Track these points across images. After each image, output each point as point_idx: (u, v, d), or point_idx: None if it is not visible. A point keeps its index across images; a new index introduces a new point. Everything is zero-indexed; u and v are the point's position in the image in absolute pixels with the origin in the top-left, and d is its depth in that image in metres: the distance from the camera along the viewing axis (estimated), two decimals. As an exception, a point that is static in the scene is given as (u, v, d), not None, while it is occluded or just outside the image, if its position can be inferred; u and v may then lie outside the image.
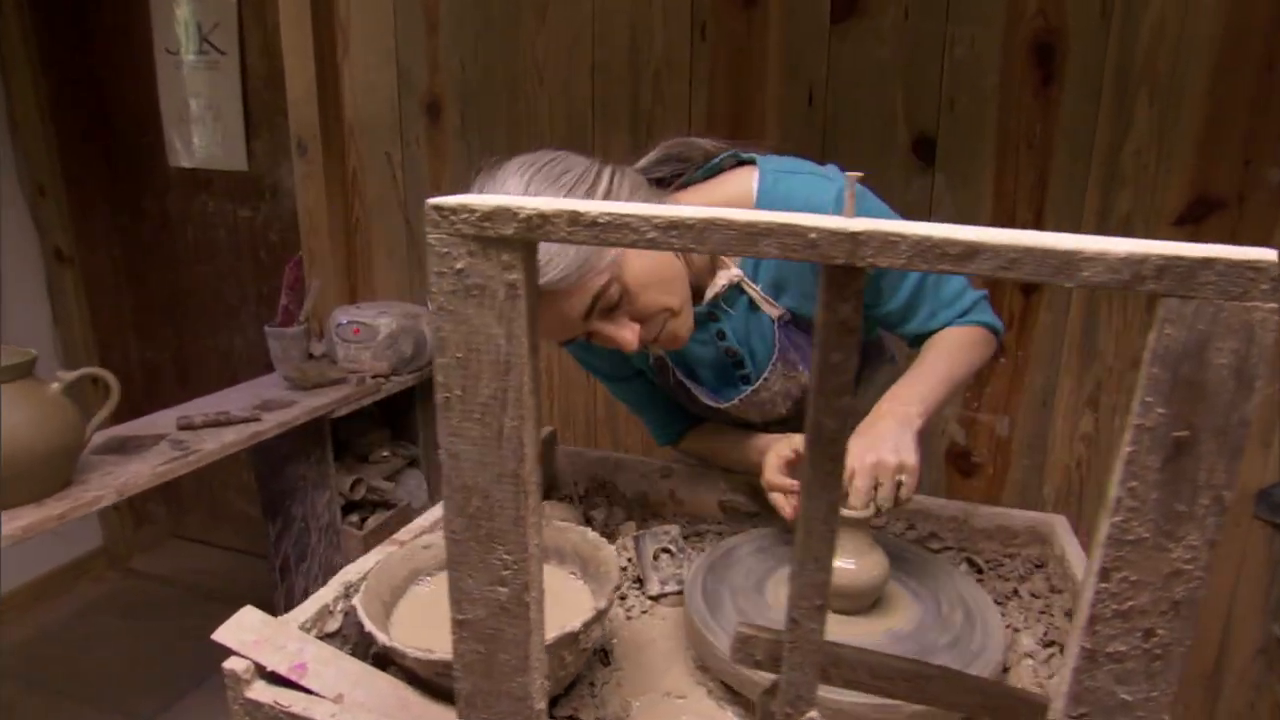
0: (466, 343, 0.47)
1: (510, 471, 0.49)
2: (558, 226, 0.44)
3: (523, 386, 0.47)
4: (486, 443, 0.49)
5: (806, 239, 0.41)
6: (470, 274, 0.46)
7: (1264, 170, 1.41)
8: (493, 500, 0.50)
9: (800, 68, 1.64)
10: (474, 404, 0.48)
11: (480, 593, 0.52)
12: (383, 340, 1.88)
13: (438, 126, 1.96)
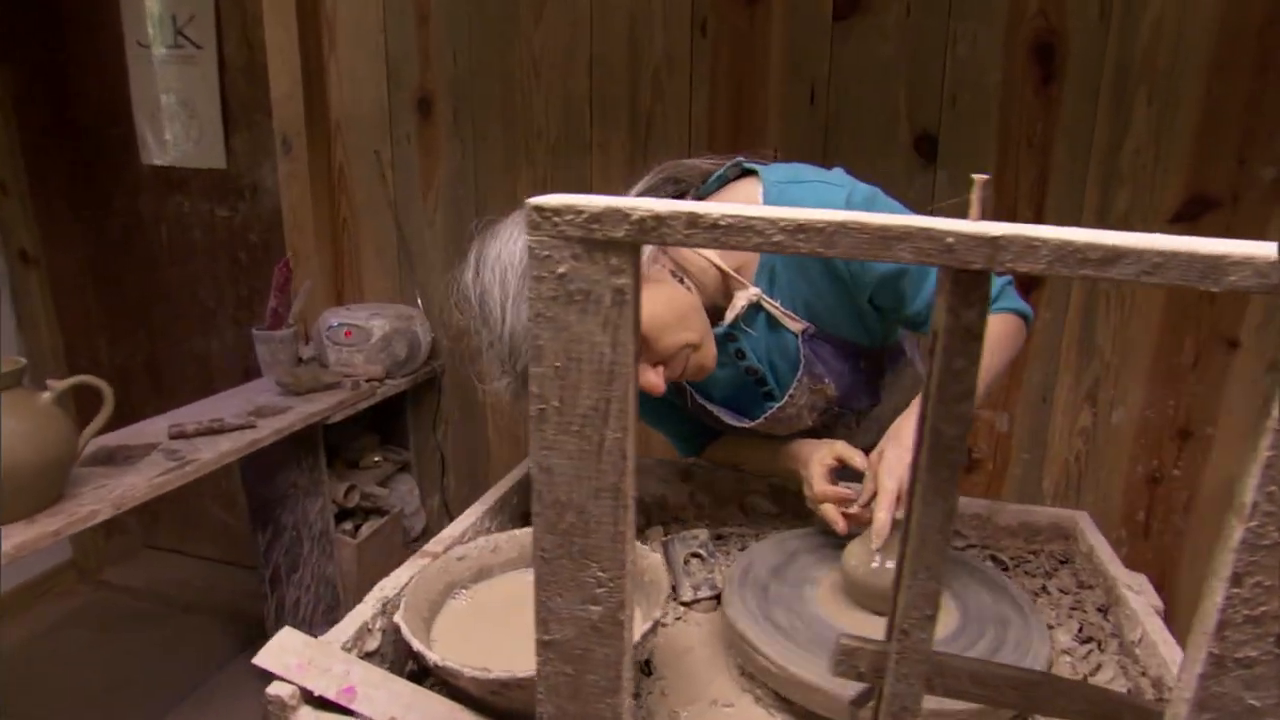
0: (566, 351, 0.45)
1: (610, 486, 0.47)
2: (674, 229, 0.42)
3: (627, 397, 0.45)
4: (585, 456, 0.47)
5: (943, 244, 0.40)
6: (574, 279, 0.44)
7: (1258, 169, 1.44)
8: (589, 516, 0.48)
9: (802, 65, 1.64)
10: (573, 415, 0.46)
11: (570, 612, 0.50)
12: (376, 343, 1.83)
13: (429, 123, 1.91)
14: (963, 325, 0.43)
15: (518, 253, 0.79)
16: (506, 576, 0.90)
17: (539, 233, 0.43)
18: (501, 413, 2.06)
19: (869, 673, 0.50)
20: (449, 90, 1.87)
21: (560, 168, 1.85)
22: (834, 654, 0.51)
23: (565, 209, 0.43)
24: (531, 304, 0.45)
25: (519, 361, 0.79)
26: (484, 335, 0.82)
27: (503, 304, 0.78)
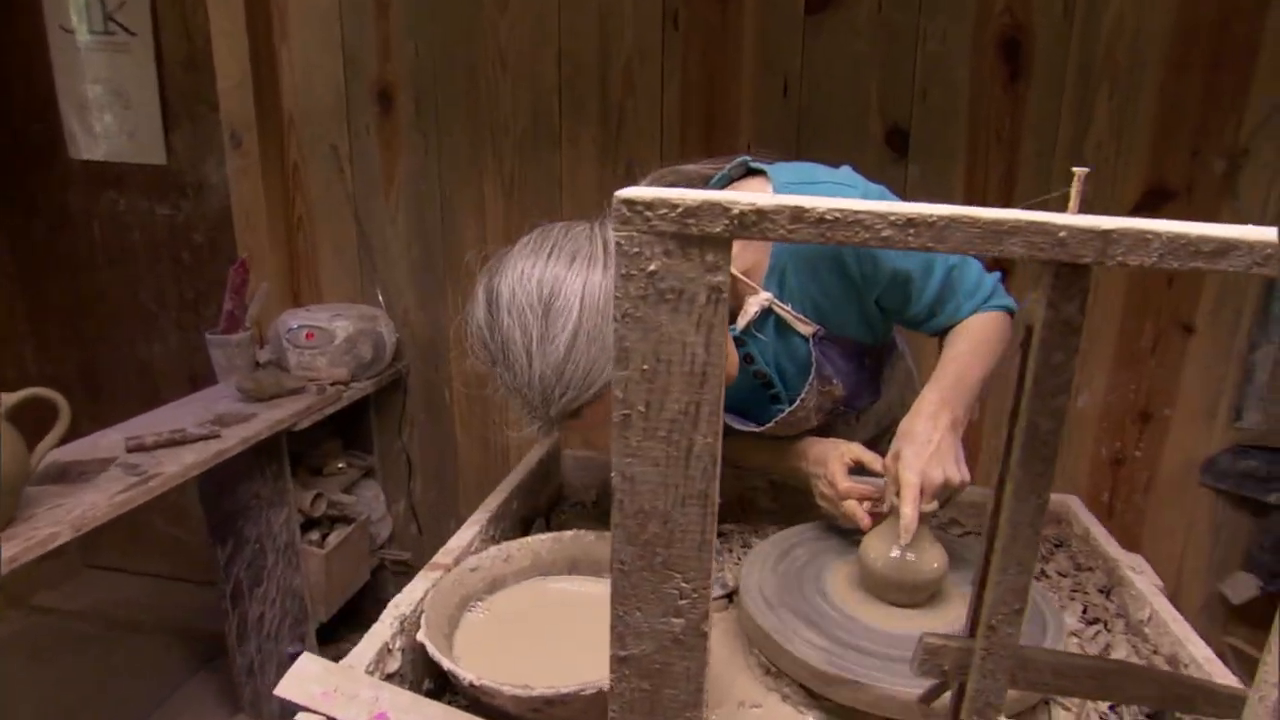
0: (656, 353, 0.43)
1: (698, 493, 0.45)
2: (777, 224, 0.40)
3: (718, 399, 0.43)
4: (672, 463, 0.44)
5: (1056, 238, 0.39)
6: (665, 277, 0.41)
7: (1211, 161, 1.50)
8: (674, 525, 0.46)
9: (775, 59, 1.64)
10: (659, 420, 0.44)
11: (650, 626, 0.48)
12: (340, 345, 1.76)
13: (389, 116, 1.84)
14: (1062, 319, 0.43)
15: (534, 290, 0.74)
16: (521, 586, 0.87)
17: (628, 228, 0.41)
18: (470, 414, 2.00)
19: (953, 670, 0.50)
20: (411, 82, 1.81)
21: (529, 162, 1.81)
22: (917, 652, 0.50)
23: (658, 203, 0.41)
24: (618, 304, 0.42)
25: (554, 407, 0.75)
26: (506, 379, 0.77)
27: (527, 348, 0.74)
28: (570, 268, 0.74)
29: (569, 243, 0.77)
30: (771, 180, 0.91)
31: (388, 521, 2.07)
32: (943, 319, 1.01)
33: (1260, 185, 1.49)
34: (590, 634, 0.79)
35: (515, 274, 0.76)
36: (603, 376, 0.73)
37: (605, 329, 0.73)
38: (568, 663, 0.75)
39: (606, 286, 0.74)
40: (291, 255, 1.97)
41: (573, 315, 0.72)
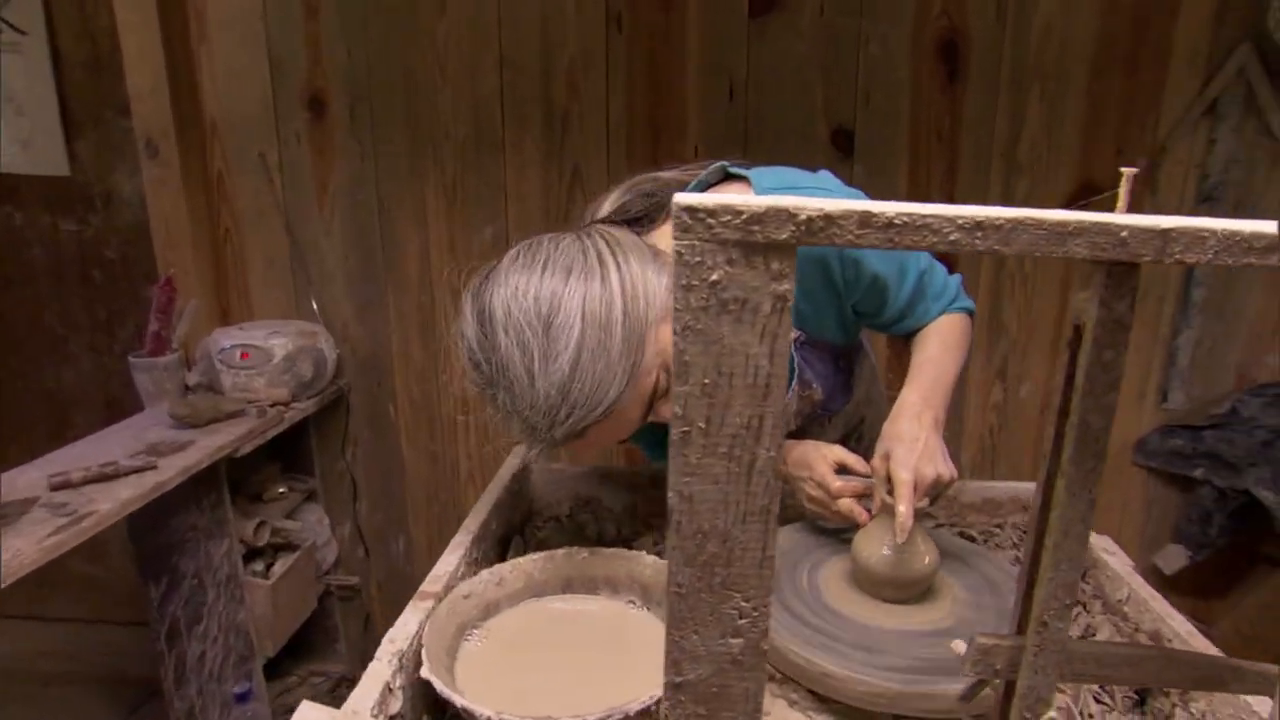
0: (717, 366, 0.41)
1: (760, 509, 0.43)
2: (845, 229, 0.39)
3: (780, 411, 0.42)
4: (734, 479, 0.43)
5: (1118, 237, 0.40)
6: (728, 286, 0.40)
7: (1133, 159, 1.59)
8: (733, 544, 0.44)
9: (720, 62, 1.64)
10: (720, 436, 0.42)
11: (707, 649, 0.46)
12: (278, 364, 1.67)
13: (322, 123, 1.76)
14: (1114, 317, 0.43)
15: (531, 307, 0.71)
16: (517, 609, 0.83)
17: (689, 236, 0.39)
18: (416, 430, 1.94)
19: (1004, 668, 0.50)
20: (344, 88, 1.73)
21: (471, 170, 1.76)
22: (969, 653, 0.50)
23: (721, 210, 0.39)
24: (677, 316, 0.40)
25: (559, 429, 0.71)
26: (504, 402, 0.73)
27: (528, 368, 0.70)
28: (567, 282, 0.71)
29: (561, 255, 0.74)
30: (753, 185, 0.90)
31: (333, 546, 1.98)
32: (912, 321, 1.03)
33: (1176, 181, 1.59)
34: (594, 654, 0.77)
35: (509, 290, 0.72)
36: (610, 394, 0.71)
37: (610, 343, 0.70)
38: (577, 686, 0.72)
39: (607, 299, 0.71)
40: (218, 270, 1.86)
41: (574, 331, 0.69)
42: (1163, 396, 1.68)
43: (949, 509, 1.15)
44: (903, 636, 0.80)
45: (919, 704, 0.72)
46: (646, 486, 1.20)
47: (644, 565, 0.83)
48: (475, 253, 1.80)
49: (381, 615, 2.09)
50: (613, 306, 0.71)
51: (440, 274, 1.82)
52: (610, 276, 0.72)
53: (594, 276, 0.72)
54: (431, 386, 1.90)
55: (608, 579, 0.85)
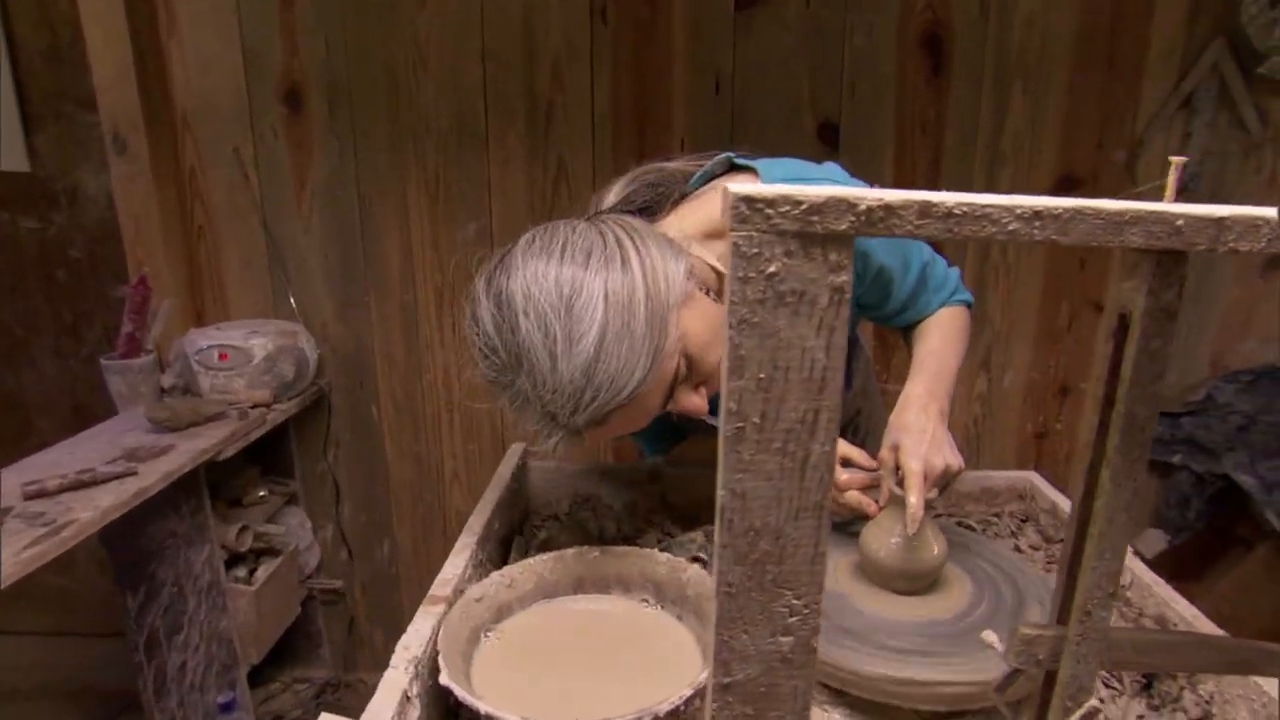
0: (773, 360, 0.40)
1: (813, 504, 0.43)
2: (905, 219, 0.38)
3: (835, 405, 0.41)
4: (787, 475, 0.42)
5: (1173, 226, 0.39)
6: (785, 278, 0.39)
7: (1112, 152, 1.62)
8: (785, 540, 0.43)
9: (706, 55, 1.64)
10: (775, 432, 0.41)
11: (757, 648, 0.45)
12: (259, 364, 1.62)
13: (299, 117, 1.72)
14: (1161, 306, 0.43)
15: (553, 290, 0.69)
16: (529, 611, 0.82)
17: (746, 227, 0.38)
18: (400, 430, 1.90)
19: (1047, 659, 0.50)
20: (322, 80, 1.69)
21: (454, 164, 1.73)
22: (1012, 644, 0.50)
23: (780, 199, 0.38)
24: (733, 309, 0.39)
25: (581, 414, 0.70)
26: (524, 388, 0.71)
27: (550, 351, 0.68)
28: (587, 265, 0.70)
29: (579, 240, 0.73)
30: (761, 177, 0.89)
31: (315, 549, 1.94)
32: (913, 313, 1.03)
33: (1154, 173, 1.62)
34: (611, 654, 0.76)
35: (529, 275, 0.71)
36: (635, 376, 0.69)
37: (633, 325, 0.69)
38: (597, 687, 0.71)
39: (628, 281, 0.70)
40: (192, 269, 1.81)
41: (598, 313, 0.68)
42: (1141, 384, 1.72)
43: (946, 499, 1.16)
44: (918, 627, 0.80)
45: (939, 693, 0.72)
46: (645, 483, 1.19)
47: (658, 563, 0.82)
48: (459, 249, 1.77)
49: (366, 619, 2.05)
50: (635, 289, 0.70)
51: (423, 271, 1.79)
52: (630, 259, 0.72)
53: (614, 259, 0.71)
54: (415, 386, 1.87)
55: (620, 578, 0.84)
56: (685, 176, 0.95)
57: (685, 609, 0.79)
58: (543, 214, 1.75)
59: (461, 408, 1.88)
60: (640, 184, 0.94)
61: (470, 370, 0.79)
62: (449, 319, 1.82)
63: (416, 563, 2.00)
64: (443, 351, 1.84)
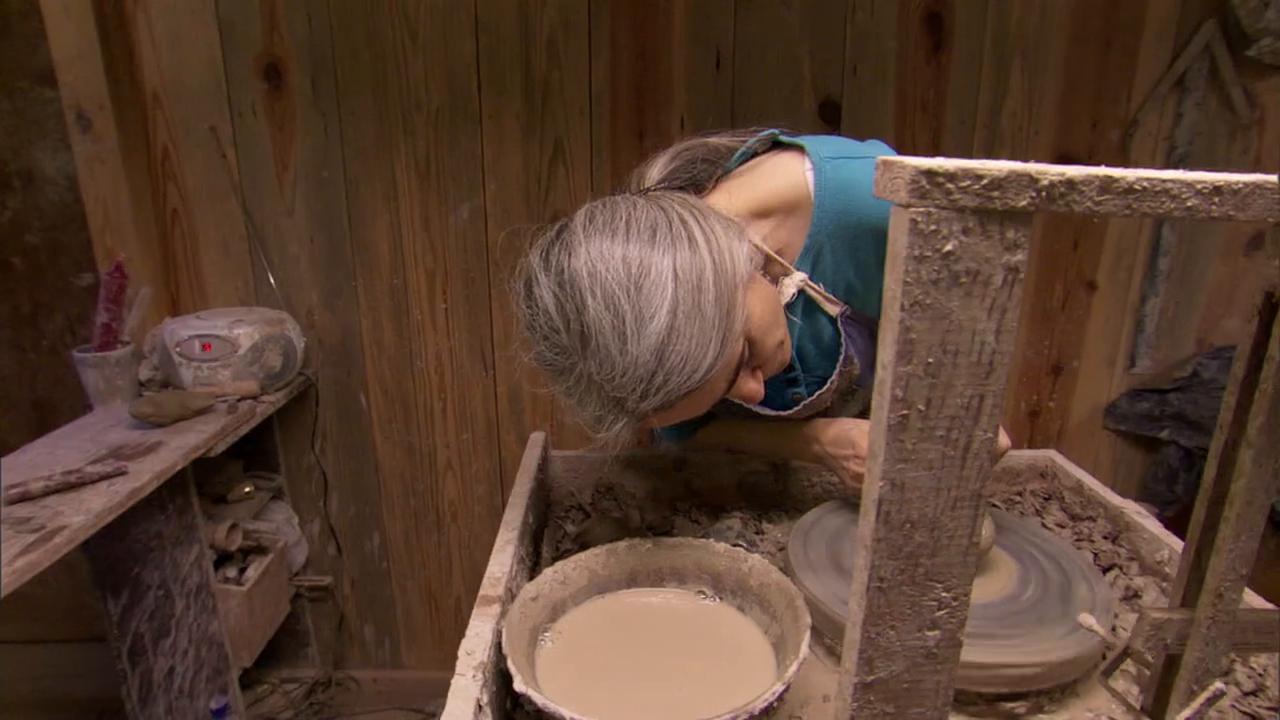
0: (942, 344, 0.38)
1: (970, 494, 0.41)
2: (1086, 195, 0.36)
3: (1002, 391, 0.39)
4: (948, 464, 0.40)
5: (1356, 197, 0.38)
6: (961, 257, 0.37)
7: (1107, 131, 1.64)
8: (940, 532, 0.41)
9: (707, 30, 1.60)
10: (938, 419, 0.39)
11: (902, 644, 0.43)
12: (245, 354, 1.55)
13: (280, 94, 1.63)
14: (1319, 283, 0.42)
15: (620, 268, 0.66)
16: (582, 609, 0.79)
17: (926, 203, 0.36)
18: (390, 420, 1.84)
19: (1174, 642, 0.49)
20: (305, 55, 1.61)
21: (445, 143, 1.67)
22: (1139, 629, 0.49)
23: (961, 174, 0.36)
24: (906, 290, 0.37)
25: (651, 398, 0.67)
26: (589, 371, 0.68)
27: (619, 332, 0.65)
28: (654, 244, 0.67)
29: (642, 216, 0.70)
30: (810, 154, 0.87)
31: (303, 545, 1.88)
32: None
33: (1147, 152, 1.64)
34: (675, 650, 0.74)
35: (593, 253, 0.67)
36: (707, 357, 0.67)
37: (704, 304, 0.66)
38: (671, 687, 0.69)
39: (697, 260, 0.67)
40: (166, 255, 1.71)
41: (668, 292, 0.65)
42: (1131, 362, 1.76)
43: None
44: (972, 610, 0.79)
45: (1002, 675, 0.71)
46: (670, 470, 1.17)
47: (715, 554, 0.80)
48: (451, 232, 1.71)
49: (356, 615, 2.00)
50: (704, 267, 0.68)
51: (414, 254, 1.73)
52: (697, 237, 0.69)
53: (681, 237, 0.68)
54: (406, 373, 1.81)
55: (674, 570, 0.82)
56: (730, 152, 0.92)
57: (747, 600, 0.78)
58: (538, 195, 1.70)
59: (455, 395, 1.83)
60: (684, 159, 0.91)
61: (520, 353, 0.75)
62: (441, 304, 1.76)
63: (408, 555, 1.95)
64: (435, 337, 1.78)
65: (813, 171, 0.87)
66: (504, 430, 1.87)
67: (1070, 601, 0.80)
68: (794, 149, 0.90)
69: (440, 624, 2.01)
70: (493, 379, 1.83)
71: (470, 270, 1.74)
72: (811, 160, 0.87)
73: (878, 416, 0.40)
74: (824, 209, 0.87)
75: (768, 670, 0.70)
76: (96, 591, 1.55)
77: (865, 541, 0.42)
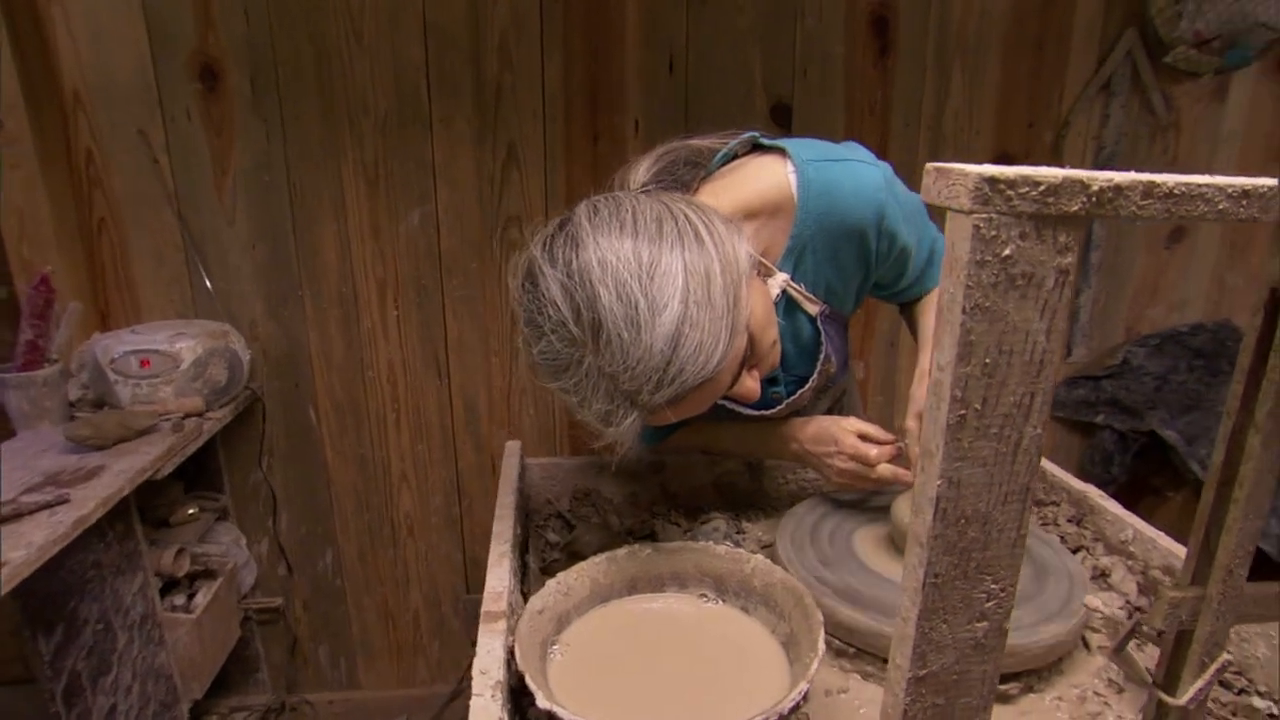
0: (998, 345, 0.39)
1: (1020, 488, 0.42)
2: (1131, 200, 0.38)
3: (1049, 389, 0.41)
4: (1000, 460, 0.41)
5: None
6: (1018, 261, 0.38)
7: (1042, 132, 1.72)
8: (992, 526, 0.42)
9: (659, 33, 1.61)
10: (993, 417, 0.40)
11: (954, 637, 0.44)
12: (187, 370, 1.47)
13: (217, 96, 1.56)
14: (1318, 277, 0.45)
15: (631, 258, 0.66)
16: (586, 619, 0.78)
17: (988, 209, 0.37)
18: (341, 432, 1.78)
19: (1188, 618, 0.52)
20: (243, 56, 1.54)
21: (395, 148, 1.62)
22: (1156, 607, 0.52)
23: (1020, 180, 0.37)
24: (968, 294, 0.38)
25: (663, 391, 0.66)
26: (602, 364, 0.67)
27: (632, 321, 0.64)
28: (661, 237, 0.67)
29: (647, 211, 0.70)
30: (792, 157, 0.88)
31: (252, 566, 1.79)
32: (918, 289, 1.06)
33: (1078, 152, 1.73)
34: (685, 655, 0.73)
35: (603, 245, 0.67)
36: (719, 348, 0.67)
37: (713, 294, 0.67)
38: (688, 693, 0.69)
39: (704, 253, 0.68)
40: (93, 267, 1.61)
41: (678, 281, 0.65)
42: (1068, 351, 1.85)
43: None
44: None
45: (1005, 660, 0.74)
46: (647, 474, 1.17)
47: (716, 556, 0.81)
48: (402, 238, 1.67)
49: (309, 636, 1.92)
50: (710, 261, 0.68)
51: (363, 263, 1.68)
52: (702, 233, 0.69)
53: (687, 232, 0.69)
54: (357, 384, 1.75)
55: (675, 574, 0.82)
56: (712, 154, 0.93)
57: (751, 600, 0.78)
58: (492, 200, 1.67)
59: (409, 405, 1.78)
60: (668, 162, 0.91)
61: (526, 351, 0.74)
62: (393, 311, 1.72)
63: (363, 571, 1.89)
64: (387, 346, 1.73)
65: (795, 174, 0.88)
66: (460, 439, 1.83)
67: (1046, 584, 0.84)
68: (775, 151, 0.91)
69: (398, 640, 1.96)
70: (447, 387, 1.79)
71: (422, 277, 1.70)
72: (794, 163, 0.88)
73: (934, 416, 0.41)
74: (807, 210, 0.89)
75: (779, 669, 0.71)
76: (26, 631, 1.44)
77: (920, 539, 0.43)
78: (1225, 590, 0.51)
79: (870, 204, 0.89)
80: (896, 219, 0.93)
